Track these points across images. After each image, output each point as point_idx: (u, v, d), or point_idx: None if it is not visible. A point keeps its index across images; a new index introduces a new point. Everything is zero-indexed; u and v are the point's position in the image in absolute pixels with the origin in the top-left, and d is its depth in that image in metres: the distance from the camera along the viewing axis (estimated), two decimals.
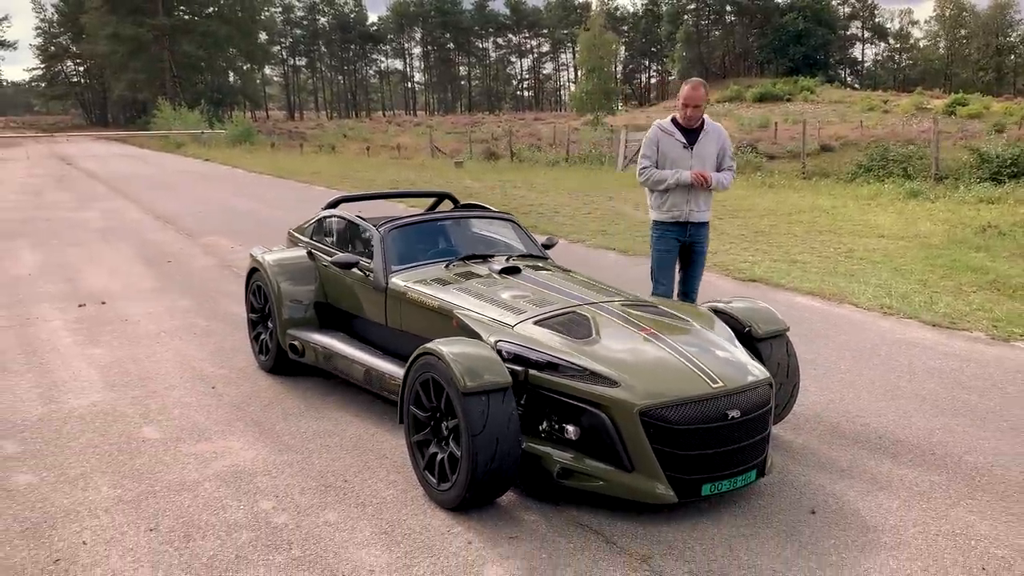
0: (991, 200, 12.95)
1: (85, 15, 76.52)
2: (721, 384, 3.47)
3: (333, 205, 5.95)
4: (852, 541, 3.31)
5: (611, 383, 3.45)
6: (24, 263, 9.92)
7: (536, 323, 3.95)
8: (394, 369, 4.41)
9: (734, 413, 3.42)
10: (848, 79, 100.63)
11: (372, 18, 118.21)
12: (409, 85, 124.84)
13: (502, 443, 3.37)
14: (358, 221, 5.32)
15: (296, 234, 6.02)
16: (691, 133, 5.31)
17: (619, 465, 3.43)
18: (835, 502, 3.65)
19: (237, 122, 46.47)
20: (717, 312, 4.36)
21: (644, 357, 3.63)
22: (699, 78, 5.50)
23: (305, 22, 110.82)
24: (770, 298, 7.78)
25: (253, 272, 5.67)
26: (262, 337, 5.62)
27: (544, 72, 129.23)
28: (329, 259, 5.26)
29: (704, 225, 5.47)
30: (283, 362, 5.39)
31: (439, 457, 3.63)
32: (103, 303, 7.74)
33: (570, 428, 3.54)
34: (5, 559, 3.25)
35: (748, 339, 4.20)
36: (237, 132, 42.99)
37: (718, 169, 5.39)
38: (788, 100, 67.49)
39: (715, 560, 3.17)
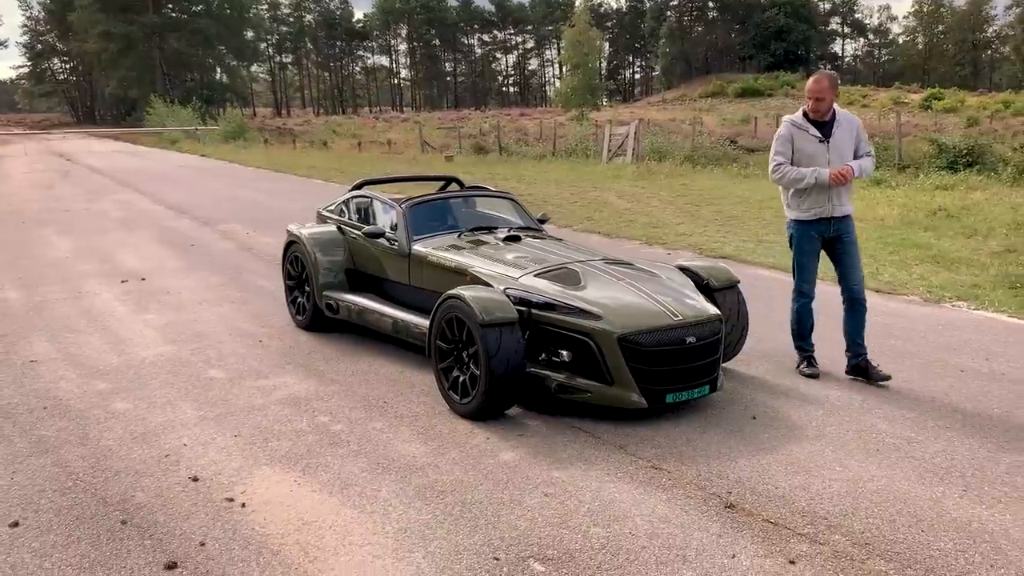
0: (946, 187, 14.03)
1: (73, 13, 76.73)
2: (681, 317, 4.48)
3: (358, 187, 6.89)
4: (782, 436, 4.31)
5: (596, 317, 4.44)
6: (59, 247, 10.81)
7: (536, 276, 4.94)
8: (417, 319, 5.38)
9: (691, 339, 4.42)
10: None
11: (358, 15, 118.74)
12: (396, 81, 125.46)
13: (512, 363, 4.35)
14: (381, 199, 6.29)
15: (325, 212, 6.97)
16: (824, 126, 5.05)
17: (602, 380, 4.42)
18: (772, 411, 4.65)
19: (230, 119, 47.18)
20: (683, 268, 5.36)
21: (621, 298, 4.63)
22: (827, 71, 5.24)
23: (291, 19, 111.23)
24: (737, 271, 8.69)
25: (291, 244, 6.62)
26: (299, 300, 6.57)
27: (529, 68, 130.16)
28: (358, 231, 6.21)
29: (848, 218, 5.19)
30: (318, 320, 6.34)
31: (460, 379, 4.61)
32: (143, 279, 8.65)
33: (564, 353, 4.53)
34: (126, 456, 4.20)
35: (707, 289, 5.20)
36: (230, 128, 43.72)
37: (855, 158, 5.12)
38: (770, 95, 68.70)
39: (675, 446, 4.17)
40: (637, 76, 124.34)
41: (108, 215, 14.36)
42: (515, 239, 5.73)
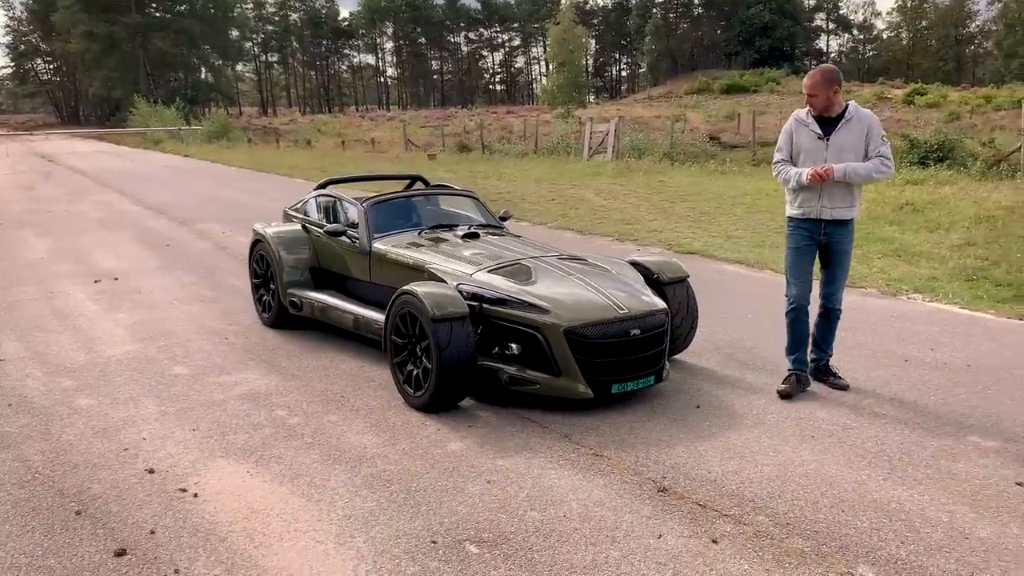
0: (916, 182, 14.25)
1: (56, 13, 76.39)
2: (626, 310, 4.63)
3: (322, 186, 7.02)
4: (722, 424, 4.47)
5: (544, 311, 4.58)
6: (36, 248, 10.88)
7: (489, 272, 5.08)
8: (377, 315, 5.50)
9: (635, 331, 4.57)
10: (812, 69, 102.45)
11: (344, 13, 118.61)
12: (382, 80, 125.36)
13: (462, 357, 4.49)
14: (344, 198, 6.41)
15: (291, 211, 7.09)
16: (829, 123, 4.75)
17: (550, 372, 4.57)
18: (716, 400, 4.81)
19: (214, 118, 47.12)
20: (634, 263, 5.51)
21: (570, 292, 4.77)
22: (828, 65, 4.88)
23: (277, 18, 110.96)
24: (703, 266, 8.98)
25: (256, 243, 6.74)
26: (264, 298, 6.69)
27: (516, 66, 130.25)
28: (321, 230, 6.33)
29: (845, 223, 4.83)
30: (283, 318, 6.46)
31: (414, 373, 4.74)
32: (116, 279, 8.75)
33: (514, 346, 4.67)
34: (85, 450, 4.31)
35: (657, 283, 5.35)
36: (214, 128, 43.68)
37: (866, 159, 4.72)
38: (755, 91, 68.97)
39: (618, 434, 4.32)
40: (624, 73, 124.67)
41: (87, 216, 14.42)
42: (474, 236, 5.86)
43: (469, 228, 6.09)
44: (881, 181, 5.07)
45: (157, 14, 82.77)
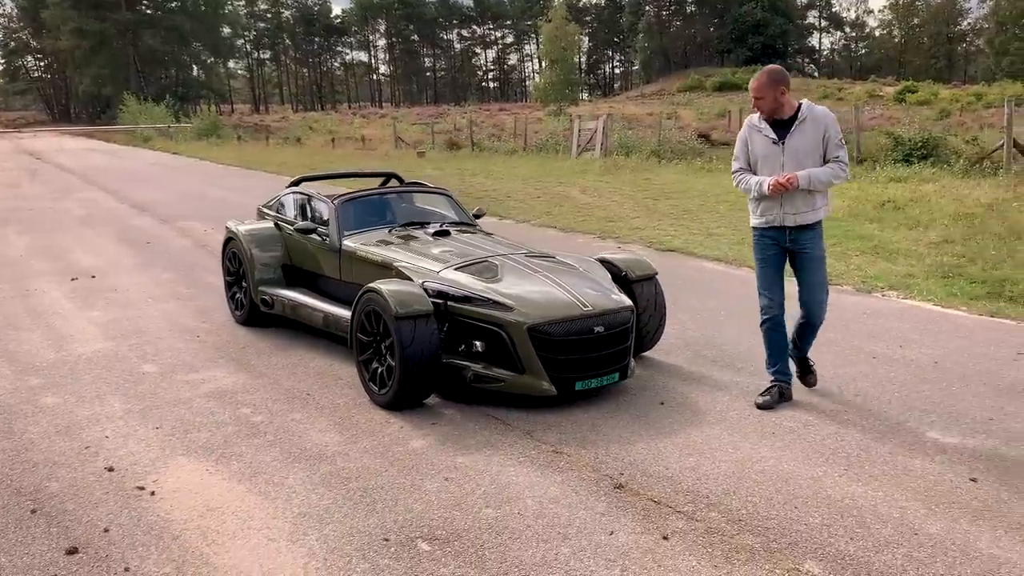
0: (899, 179, 14.28)
1: (47, 10, 76.04)
2: (590, 308, 4.63)
3: (296, 184, 7.00)
4: (685, 420, 4.48)
5: (508, 309, 4.59)
6: (15, 246, 10.84)
7: (456, 269, 5.07)
8: (347, 314, 5.48)
9: (599, 328, 4.58)
10: (807, 68, 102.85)
11: (336, 10, 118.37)
12: (374, 77, 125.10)
13: (425, 354, 4.49)
14: (315, 196, 6.40)
15: (264, 209, 7.08)
16: (783, 126, 4.51)
17: (515, 369, 4.57)
18: (681, 397, 4.82)
19: (204, 116, 46.97)
20: (604, 261, 5.51)
21: (534, 289, 4.77)
22: (774, 66, 4.66)
23: (269, 15, 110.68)
24: (682, 264, 9.01)
25: (229, 241, 6.73)
26: (237, 295, 6.68)
27: (509, 63, 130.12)
28: (292, 228, 6.32)
29: (810, 228, 4.59)
30: (255, 315, 6.45)
31: (379, 370, 4.74)
32: (93, 277, 8.72)
33: (478, 343, 4.67)
34: (47, 448, 4.30)
35: (625, 281, 5.36)
36: (204, 126, 43.55)
37: (824, 162, 4.50)
38: (747, 89, 68.84)
39: (580, 431, 4.33)
40: (617, 71, 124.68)
41: (71, 213, 14.36)
42: (444, 234, 5.86)
43: (441, 226, 6.08)
44: (834, 186, 4.70)
45: (148, 11, 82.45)
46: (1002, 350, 5.60)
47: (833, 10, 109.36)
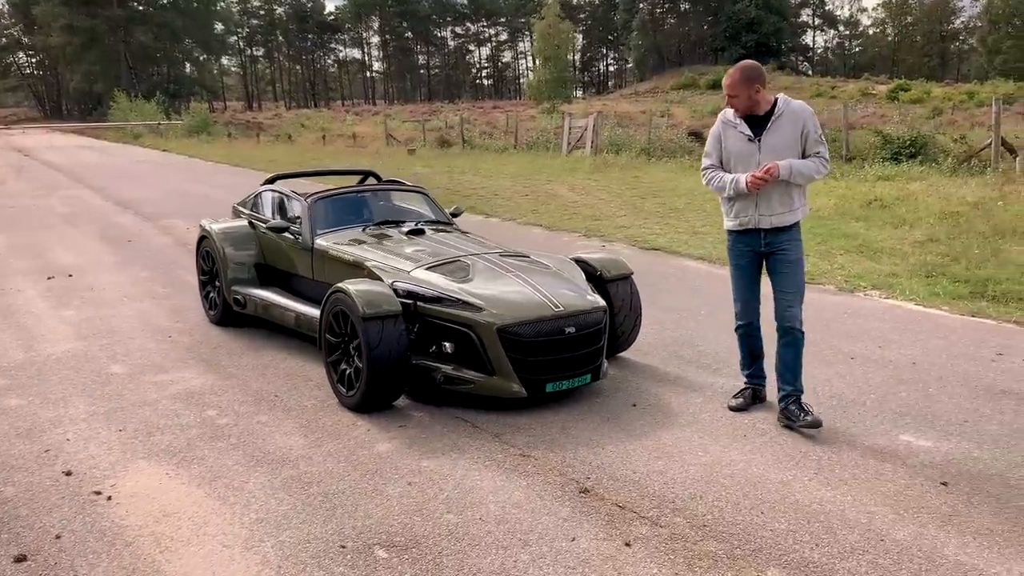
0: (887, 177, 14.24)
1: (37, 6, 75.64)
2: (561, 308, 4.56)
3: (271, 181, 6.92)
4: (656, 422, 4.41)
5: (477, 309, 4.51)
6: None
7: (427, 269, 5.00)
8: (317, 313, 5.41)
9: (570, 329, 4.51)
10: (800, 66, 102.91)
11: (329, 7, 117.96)
12: (368, 74, 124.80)
13: (393, 356, 4.41)
14: (289, 194, 6.32)
15: (239, 207, 6.99)
16: (758, 122, 4.26)
17: (484, 371, 4.50)
18: (654, 399, 4.75)
19: (194, 113, 46.76)
20: (579, 260, 5.44)
21: (505, 290, 4.70)
22: (749, 61, 4.38)
23: (262, 12, 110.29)
24: (665, 262, 8.95)
25: (202, 240, 6.64)
26: (211, 295, 6.59)
27: (503, 60, 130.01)
28: (265, 226, 6.24)
29: (787, 229, 4.32)
30: (229, 315, 6.36)
31: (347, 372, 4.66)
32: (70, 276, 8.62)
33: (447, 345, 4.60)
34: (7, 451, 4.22)
35: (600, 281, 5.29)
36: (194, 123, 43.34)
37: (803, 157, 4.24)
38: None
39: (549, 434, 4.26)
40: (611, 68, 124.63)
41: (54, 211, 14.25)
42: (419, 233, 5.78)
43: (416, 224, 6.00)
44: (816, 181, 4.45)
45: (139, 7, 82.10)
46: (982, 351, 5.55)
47: (827, 8, 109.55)
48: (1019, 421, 4.32)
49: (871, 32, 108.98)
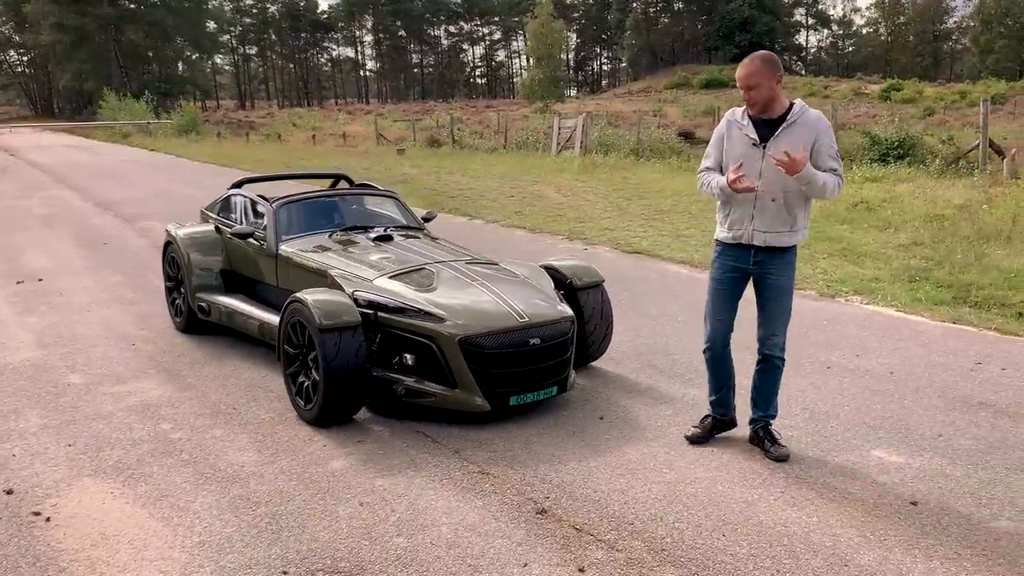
0: (875, 179, 14.13)
1: (28, 4, 75.21)
2: (526, 319, 4.42)
3: (238, 185, 6.77)
4: (623, 437, 4.28)
5: (439, 319, 4.37)
6: None
7: (391, 278, 4.86)
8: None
9: (535, 340, 4.37)
10: (794, 65, 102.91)
11: (323, 5, 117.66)
12: (362, 73, 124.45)
13: (351, 368, 4.27)
14: (255, 198, 6.17)
15: (206, 211, 6.84)
16: (768, 126, 3.83)
17: (446, 383, 4.36)
18: (623, 411, 4.62)
19: (184, 112, 46.49)
20: (548, 268, 5.30)
21: (469, 299, 4.56)
22: (763, 52, 3.90)
23: (255, 10, 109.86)
24: (646, 266, 8.83)
25: (168, 245, 6.49)
26: (177, 301, 6.44)
27: (497, 59, 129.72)
28: (230, 231, 6.09)
29: (781, 252, 3.91)
30: (195, 322, 6.21)
31: (305, 384, 4.52)
32: (40, 280, 8.46)
33: (408, 356, 4.46)
34: None
35: (570, 289, 5.15)
36: (184, 122, 43.08)
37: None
38: (734, 86, 68.77)
39: (511, 449, 4.12)
40: (605, 68, 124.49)
41: (32, 212, 14.06)
42: (387, 239, 5.64)
43: (384, 230, 5.86)
44: (827, 200, 4.04)
45: (130, 6, 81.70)
46: (960, 359, 5.43)
47: (820, 8, 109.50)
48: (993, 435, 4.21)
49: (864, 32, 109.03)
